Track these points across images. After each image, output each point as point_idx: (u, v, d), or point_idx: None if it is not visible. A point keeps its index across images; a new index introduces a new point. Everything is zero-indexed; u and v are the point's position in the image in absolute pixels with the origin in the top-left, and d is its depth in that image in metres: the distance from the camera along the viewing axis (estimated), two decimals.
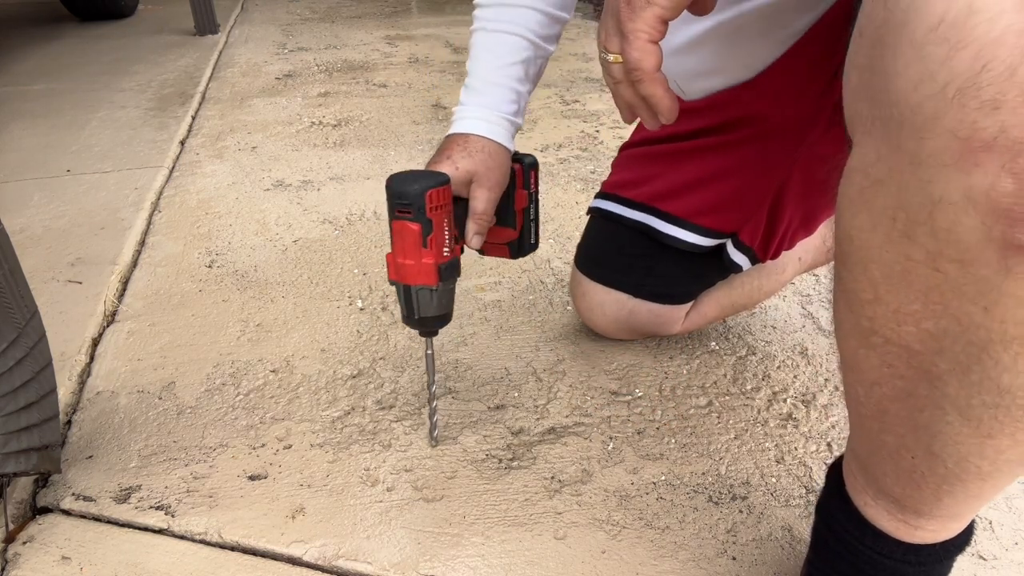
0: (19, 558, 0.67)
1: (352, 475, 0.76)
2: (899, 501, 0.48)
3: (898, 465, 0.46)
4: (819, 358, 0.95)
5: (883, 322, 0.40)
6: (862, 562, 0.52)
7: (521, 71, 0.75)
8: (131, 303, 1.07)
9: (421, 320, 0.72)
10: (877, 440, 0.46)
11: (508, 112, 0.75)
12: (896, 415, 0.43)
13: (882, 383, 0.43)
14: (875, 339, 0.41)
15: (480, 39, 0.75)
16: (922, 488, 0.45)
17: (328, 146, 1.68)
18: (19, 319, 0.64)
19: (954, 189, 0.32)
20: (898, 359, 0.40)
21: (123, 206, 1.35)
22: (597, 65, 2.35)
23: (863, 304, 0.41)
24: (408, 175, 0.69)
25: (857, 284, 0.41)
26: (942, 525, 0.49)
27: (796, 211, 0.82)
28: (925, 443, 0.42)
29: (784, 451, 0.80)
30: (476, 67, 0.75)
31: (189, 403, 0.87)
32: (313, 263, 1.17)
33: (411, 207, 0.66)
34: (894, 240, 0.37)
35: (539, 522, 0.71)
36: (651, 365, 0.93)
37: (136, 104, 1.97)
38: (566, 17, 0.77)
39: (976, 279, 0.34)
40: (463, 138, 0.73)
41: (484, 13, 0.75)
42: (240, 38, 2.81)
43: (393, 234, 0.68)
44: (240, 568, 0.66)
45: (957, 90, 0.31)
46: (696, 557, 0.67)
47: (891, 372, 0.42)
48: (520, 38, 0.73)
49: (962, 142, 0.31)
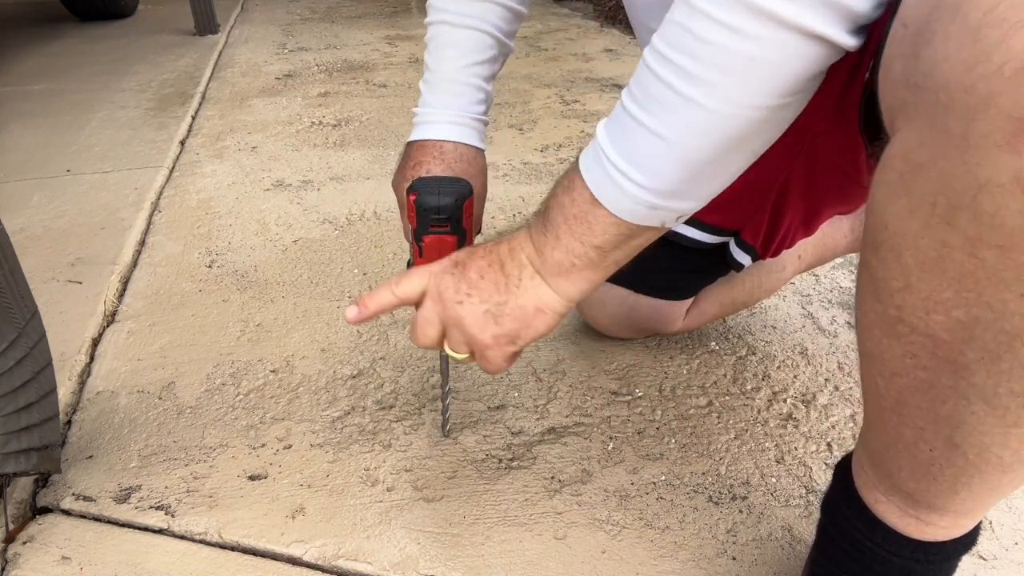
0: (19, 558, 0.67)
1: (352, 475, 0.76)
2: (913, 496, 0.48)
3: (915, 458, 0.46)
4: (819, 358, 0.95)
5: (911, 311, 0.40)
6: (869, 560, 0.52)
7: (488, 70, 0.72)
8: (131, 303, 1.07)
9: None
10: (894, 433, 0.46)
11: (478, 113, 0.72)
12: (916, 406, 0.43)
13: (903, 374, 0.43)
14: (901, 328, 0.41)
15: (443, 33, 0.71)
16: (939, 481, 0.45)
17: (328, 146, 1.68)
18: (19, 319, 0.64)
19: (1003, 171, 0.32)
20: (922, 349, 0.40)
21: (123, 206, 1.35)
22: (597, 65, 2.35)
23: (892, 293, 0.40)
24: (431, 185, 0.65)
25: (888, 272, 0.40)
26: (954, 521, 0.49)
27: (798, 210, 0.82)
28: (946, 434, 0.42)
29: (784, 451, 0.80)
30: (440, 64, 0.71)
31: (189, 403, 0.87)
32: (313, 263, 1.18)
33: (448, 220, 0.64)
34: (932, 226, 0.36)
35: (539, 522, 0.71)
36: (651, 365, 0.93)
37: (136, 104, 1.97)
38: (524, 12, 0.74)
39: (1016, 265, 0.34)
40: (435, 145, 0.70)
41: (446, 4, 0.71)
42: (240, 38, 2.81)
43: (426, 249, 0.65)
44: (240, 568, 0.66)
45: (1015, 70, 0.31)
46: (696, 557, 0.67)
47: (914, 363, 0.41)
48: (486, 35, 0.70)
49: (1017, 122, 0.31)
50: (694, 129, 0.44)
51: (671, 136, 0.45)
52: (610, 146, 0.48)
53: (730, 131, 0.45)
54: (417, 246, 0.67)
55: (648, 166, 0.46)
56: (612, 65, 2.35)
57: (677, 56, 0.43)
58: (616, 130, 0.48)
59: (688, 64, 0.43)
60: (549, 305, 0.54)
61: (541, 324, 0.55)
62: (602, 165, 0.48)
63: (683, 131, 0.45)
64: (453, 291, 0.55)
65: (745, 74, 0.42)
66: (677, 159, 0.46)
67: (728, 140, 0.45)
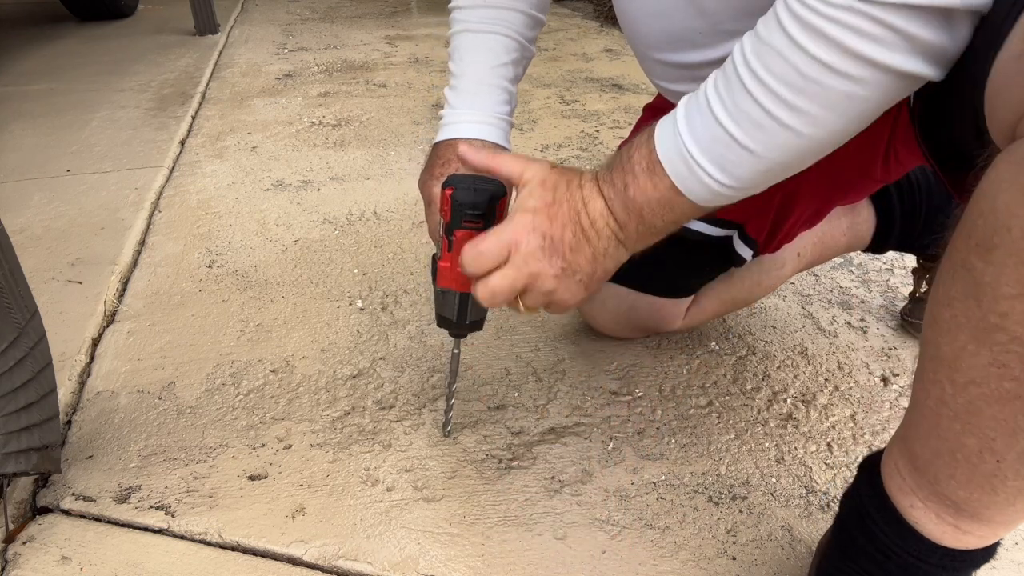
0: (19, 558, 0.67)
1: (352, 475, 0.76)
2: (958, 505, 0.47)
3: (975, 468, 0.45)
4: (819, 358, 0.95)
5: (1019, 319, 0.38)
6: (892, 564, 0.52)
7: (512, 72, 0.73)
8: (131, 303, 1.07)
9: (470, 324, 0.71)
10: (955, 442, 0.45)
11: (504, 113, 0.73)
12: (992, 416, 0.42)
13: (983, 383, 0.42)
14: (999, 336, 0.40)
15: (466, 40, 0.73)
16: (997, 492, 0.44)
17: (328, 146, 1.68)
18: (19, 319, 0.64)
19: None
20: (1018, 360, 0.39)
21: (123, 206, 1.36)
22: (597, 65, 2.35)
23: (1000, 299, 0.39)
24: (467, 182, 0.66)
25: (1001, 277, 0.39)
26: (992, 531, 0.49)
27: (809, 205, 0.81)
28: (1022, 447, 0.41)
29: (784, 451, 0.80)
30: (465, 68, 0.72)
31: (189, 403, 0.87)
32: (313, 263, 1.17)
33: (482, 217, 0.64)
34: None
35: (539, 522, 0.71)
36: (651, 365, 0.93)
37: (136, 104, 1.97)
38: (543, 19, 0.76)
39: None
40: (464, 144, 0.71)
41: (467, 15, 0.73)
42: (240, 38, 2.81)
43: (457, 243, 0.65)
44: (240, 568, 0.66)
45: None
46: (696, 557, 0.67)
47: (1001, 372, 0.40)
48: (509, 39, 0.72)
49: None
50: (785, 150, 0.49)
51: (762, 152, 0.49)
52: (695, 146, 0.51)
53: (819, 150, 0.50)
54: (447, 239, 0.67)
55: (732, 171, 0.51)
56: (612, 65, 2.35)
57: (777, 85, 0.46)
58: (703, 132, 0.51)
59: (788, 95, 0.46)
60: (623, 258, 0.60)
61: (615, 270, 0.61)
62: (686, 161, 0.52)
63: (775, 151, 0.49)
64: (548, 265, 0.57)
65: (845, 109, 0.46)
66: (762, 169, 0.50)
67: (814, 156, 0.51)
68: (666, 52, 0.70)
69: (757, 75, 0.47)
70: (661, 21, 0.68)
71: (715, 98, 0.50)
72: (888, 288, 1.10)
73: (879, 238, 0.96)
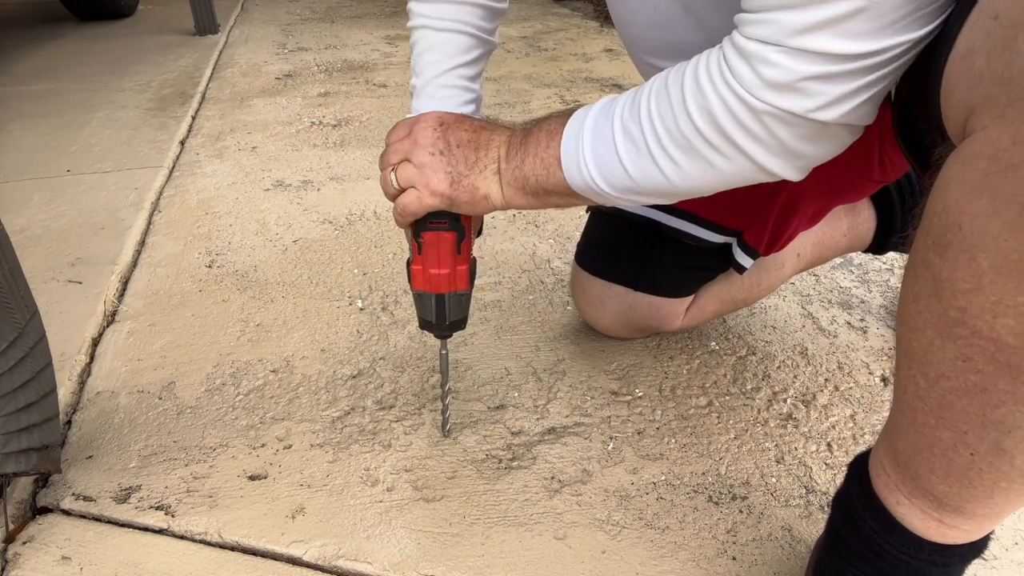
0: (19, 558, 0.67)
1: (352, 475, 0.76)
2: (940, 499, 0.48)
3: (951, 462, 0.45)
4: (819, 358, 0.95)
5: (976, 313, 0.39)
6: (883, 562, 0.52)
7: (471, 70, 0.72)
8: (131, 303, 1.07)
9: (451, 325, 0.71)
10: (930, 436, 0.46)
11: (468, 112, 0.72)
12: (961, 410, 0.43)
13: (952, 376, 0.42)
14: (960, 330, 0.40)
15: (424, 39, 0.72)
16: (975, 486, 0.45)
17: (328, 146, 1.68)
18: (19, 319, 0.64)
19: None
20: (981, 353, 0.40)
21: (123, 206, 1.35)
22: (597, 65, 2.35)
23: (957, 294, 0.40)
24: None
25: (956, 272, 0.39)
26: (977, 525, 0.49)
27: (808, 211, 0.81)
28: (993, 439, 0.42)
29: (784, 451, 0.80)
30: (424, 69, 0.72)
31: (189, 403, 0.87)
32: (313, 263, 1.18)
33: (447, 217, 0.65)
34: (1018, 228, 0.36)
35: (539, 522, 0.71)
36: (651, 365, 0.93)
37: (136, 104, 1.97)
38: (504, 8, 0.75)
39: None
40: None
41: (424, 9, 0.71)
42: (240, 38, 2.81)
43: (425, 246, 0.66)
44: (240, 568, 0.66)
45: None
46: (696, 557, 0.67)
47: (966, 366, 0.41)
48: (467, 36, 0.71)
49: None
50: (654, 184, 0.56)
51: (633, 174, 0.56)
52: (588, 144, 0.58)
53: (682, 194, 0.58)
54: (416, 243, 0.67)
55: (607, 176, 0.57)
56: (612, 65, 2.35)
57: (660, 128, 0.53)
58: (596, 136, 0.57)
59: (666, 141, 0.53)
60: (493, 198, 0.64)
61: (479, 207, 0.65)
62: (577, 148, 0.58)
63: (641, 176, 0.56)
64: (431, 143, 0.63)
65: (703, 171, 0.54)
66: (631, 185, 0.57)
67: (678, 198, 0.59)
68: (663, 59, 0.70)
69: (651, 112, 0.54)
70: (659, 32, 0.68)
71: (620, 114, 0.56)
72: (888, 288, 1.10)
73: (879, 238, 0.97)
